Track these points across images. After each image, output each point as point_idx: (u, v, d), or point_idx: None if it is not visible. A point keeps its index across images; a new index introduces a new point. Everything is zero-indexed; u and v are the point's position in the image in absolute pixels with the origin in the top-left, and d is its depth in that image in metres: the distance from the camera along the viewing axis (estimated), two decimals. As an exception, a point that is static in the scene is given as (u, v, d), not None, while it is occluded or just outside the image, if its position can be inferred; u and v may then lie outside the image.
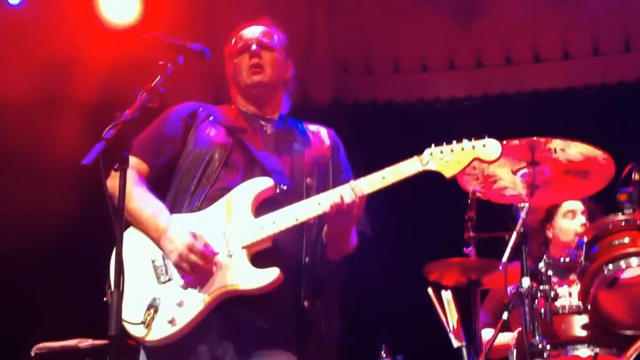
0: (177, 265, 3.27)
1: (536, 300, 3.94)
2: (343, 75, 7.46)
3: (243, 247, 3.29)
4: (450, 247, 4.58)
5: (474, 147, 3.25)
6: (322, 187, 3.48)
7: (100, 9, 6.74)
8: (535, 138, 4.01)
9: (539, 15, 7.19)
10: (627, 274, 4.11)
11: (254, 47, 3.62)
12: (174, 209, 3.42)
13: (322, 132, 3.73)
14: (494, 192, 4.27)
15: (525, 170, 4.10)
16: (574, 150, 4.02)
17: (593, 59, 7.15)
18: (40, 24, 6.76)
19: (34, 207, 6.25)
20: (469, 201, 4.34)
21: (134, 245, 3.36)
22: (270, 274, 3.23)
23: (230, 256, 3.29)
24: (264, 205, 3.37)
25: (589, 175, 4.12)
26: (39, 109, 6.61)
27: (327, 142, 3.69)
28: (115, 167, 2.90)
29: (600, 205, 4.90)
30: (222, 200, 3.39)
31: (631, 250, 4.05)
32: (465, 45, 7.34)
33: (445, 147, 3.27)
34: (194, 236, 3.27)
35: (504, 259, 3.90)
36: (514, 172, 4.15)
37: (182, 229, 3.29)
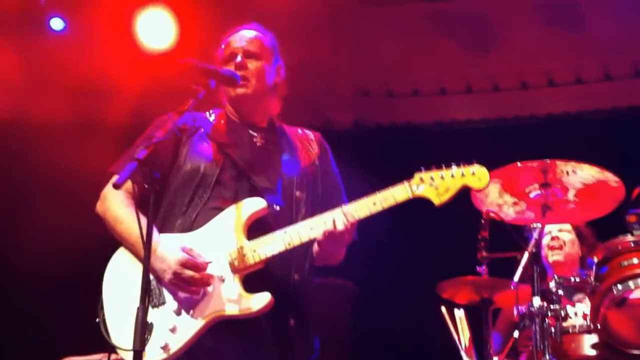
0: (173, 284, 3.13)
1: (546, 320, 3.86)
2: (364, 99, 7.45)
3: (235, 272, 3.17)
4: (463, 266, 4.52)
5: (463, 175, 3.13)
6: (311, 198, 3.40)
7: (136, 35, 6.75)
8: (548, 160, 3.94)
9: (552, 42, 7.18)
10: (636, 294, 4.01)
11: (239, 58, 3.43)
12: (164, 228, 3.25)
13: (310, 138, 3.60)
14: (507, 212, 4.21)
15: (537, 192, 4.02)
16: (585, 172, 3.95)
17: (604, 84, 7.12)
18: (80, 49, 6.78)
19: (68, 226, 6.22)
20: (482, 221, 4.28)
21: (125, 267, 3.25)
22: (261, 300, 3.12)
23: (223, 280, 3.16)
24: (256, 223, 3.24)
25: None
26: (76, 132, 6.60)
27: (315, 148, 3.56)
28: (147, 186, 2.85)
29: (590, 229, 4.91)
30: (214, 221, 3.25)
31: (640, 271, 3.97)
32: (481, 71, 7.34)
33: (435, 173, 3.16)
34: (185, 250, 3.14)
35: (516, 278, 3.84)
36: (527, 194, 4.08)
37: (171, 246, 3.14)
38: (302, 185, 3.41)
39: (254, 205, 3.24)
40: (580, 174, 3.98)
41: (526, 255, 3.89)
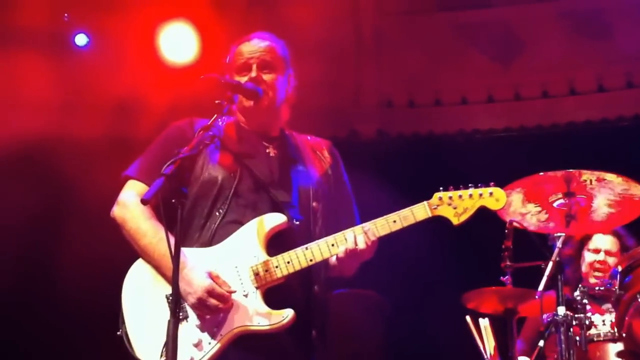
0: (195, 307, 3.15)
1: (571, 329, 3.87)
2: (387, 109, 7.48)
3: (257, 287, 3.19)
4: (487, 276, 4.54)
5: (481, 195, 3.20)
6: (326, 208, 3.40)
7: (160, 50, 6.81)
8: (572, 170, 3.96)
9: (574, 50, 7.19)
10: (660, 303, 4.03)
11: (254, 72, 3.38)
12: (184, 241, 3.15)
13: (321, 146, 3.59)
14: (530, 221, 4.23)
15: (561, 201, 4.04)
16: (609, 181, 3.94)
17: (627, 91, 7.10)
18: (105, 64, 6.83)
19: (100, 243, 6.27)
20: (506, 231, 4.30)
21: (146, 280, 3.25)
22: (285, 316, 3.15)
23: (246, 295, 3.18)
24: (276, 237, 3.26)
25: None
26: (107, 147, 6.58)
27: (327, 157, 3.54)
28: (174, 201, 2.85)
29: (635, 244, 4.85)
30: (234, 236, 3.25)
31: (664, 279, 3.97)
32: (503, 80, 7.34)
33: (453, 193, 3.21)
34: (212, 277, 3.14)
35: (540, 287, 3.84)
36: (550, 203, 4.10)
37: (198, 270, 3.14)
38: (318, 196, 3.41)
39: (274, 220, 3.26)
40: (604, 183, 3.98)
41: (550, 264, 3.90)
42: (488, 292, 4.48)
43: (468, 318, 4.72)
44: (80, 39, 6.95)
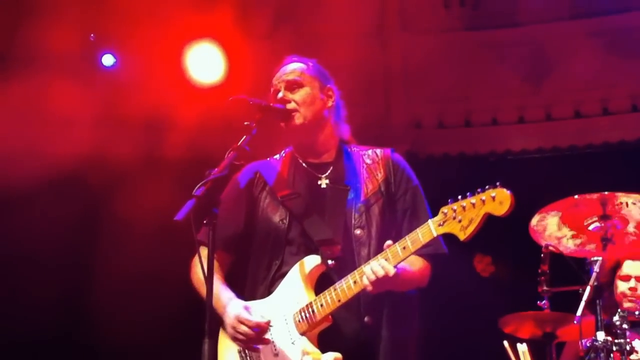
0: (234, 338, 3.27)
1: (612, 354, 3.87)
2: (416, 130, 7.51)
3: (302, 334, 3.26)
4: (525, 300, 4.55)
5: (483, 201, 2.98)
6: (377, 233, 3.36)
7: (187, 69, 6.90)
8: (606, 193, 3.96)
9: (607, 69, 7.19)
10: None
11: (280, 94, 3.45)
12: (249, 299, 3.38)
13: (377, 161, 3.51)
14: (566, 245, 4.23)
15: (596, 224, 4.05)
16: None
17: (661, 110, 7.11)
18: (132, 84, 6.93)
19: (133, 259, 6.37)
20: (542, 255, 4.30)
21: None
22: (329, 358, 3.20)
23: (293, 343, 3.26)
24: (322, 278, 3.32)
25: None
26: (139, 167, 6.74)
27: (381, 174, 3.47)
28: (205, 222, 2.93)
29: None
30: (282, 285, 3.35)
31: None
32: (535, 99, 7.35)
33: (457, 205, 3.02)
34: (246, 308, 3.25)
35: (579, 312, 3.84)
36: (586, 226, 4.10)
37: (237, 303, 3.28)
38: (363, 222, 3.37)
39: (309, 264, 3.32)
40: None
41: (588, 289, 3.90)
42: (526, 316, 4.49)
43: (505, 343, 4.73)
44: (107, 60, 7.06)
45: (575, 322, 3.87)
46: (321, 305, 3.22)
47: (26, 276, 6.63)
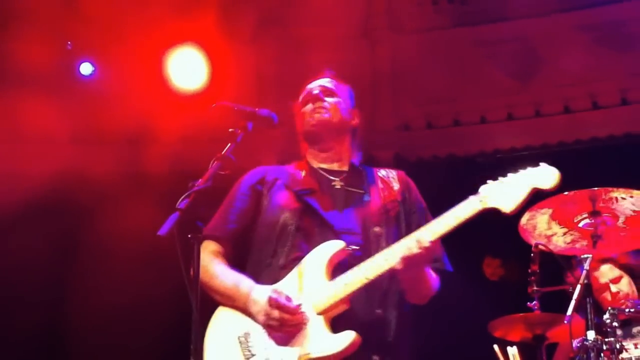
0: (266, 325, 3.26)
1: (602, 353, 3.84)
2: (404, 133, 7.48)
3: (319, 314, 3.27)
4: (514, 302, 4.53)
5: (529, 177, 3.15)
6: (394, 234, 3.44)
7: (168, 77, 6.85)
8: (596, 188, 3.94)
9: (595, 63, 7.16)
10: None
11: (316, 91, 3.63)
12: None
13: (391, 176, 3.68)
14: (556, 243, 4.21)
15: (586, 221, 4.03)
16: (635, 198, 3.93)
17: (651, 104, 7.09)
18: (111, 94, 6.87)
19: (119, 277, 6.31)
20: (532, 255, 4.28)
21: (223, 326, 3.41)
22: (346, 338, 3.21)
23: (309, 323, 3.27)
24: (339, 265, 3.34)
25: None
26: (120, 181, 6.66)
27: (397, 186, 3.62)
28: (190, 236, 2.91)
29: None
30: (295, 269, 3.37)
31: (694, 301, 3.95)
32: (523, 96, 7.33)
33: (500, 182, 3.17)
34: (276, 291, 3.26)
35: (569, 312, 3.83)
36: (576, 223, 4.09)
37: (264, 288, 3.29)
38: (382, 221, 3.48)
39: (331, 247, 3.35)
40: (630, 200, 3.95)
41: (578, 287, 3.88)
42: (515, 319, 4.46)
43: (496, 347, 4.71)
44: (86, 68, 7.01)
45: (565, 321, 3.85)
46: (345, 285, 3.25)
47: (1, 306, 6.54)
